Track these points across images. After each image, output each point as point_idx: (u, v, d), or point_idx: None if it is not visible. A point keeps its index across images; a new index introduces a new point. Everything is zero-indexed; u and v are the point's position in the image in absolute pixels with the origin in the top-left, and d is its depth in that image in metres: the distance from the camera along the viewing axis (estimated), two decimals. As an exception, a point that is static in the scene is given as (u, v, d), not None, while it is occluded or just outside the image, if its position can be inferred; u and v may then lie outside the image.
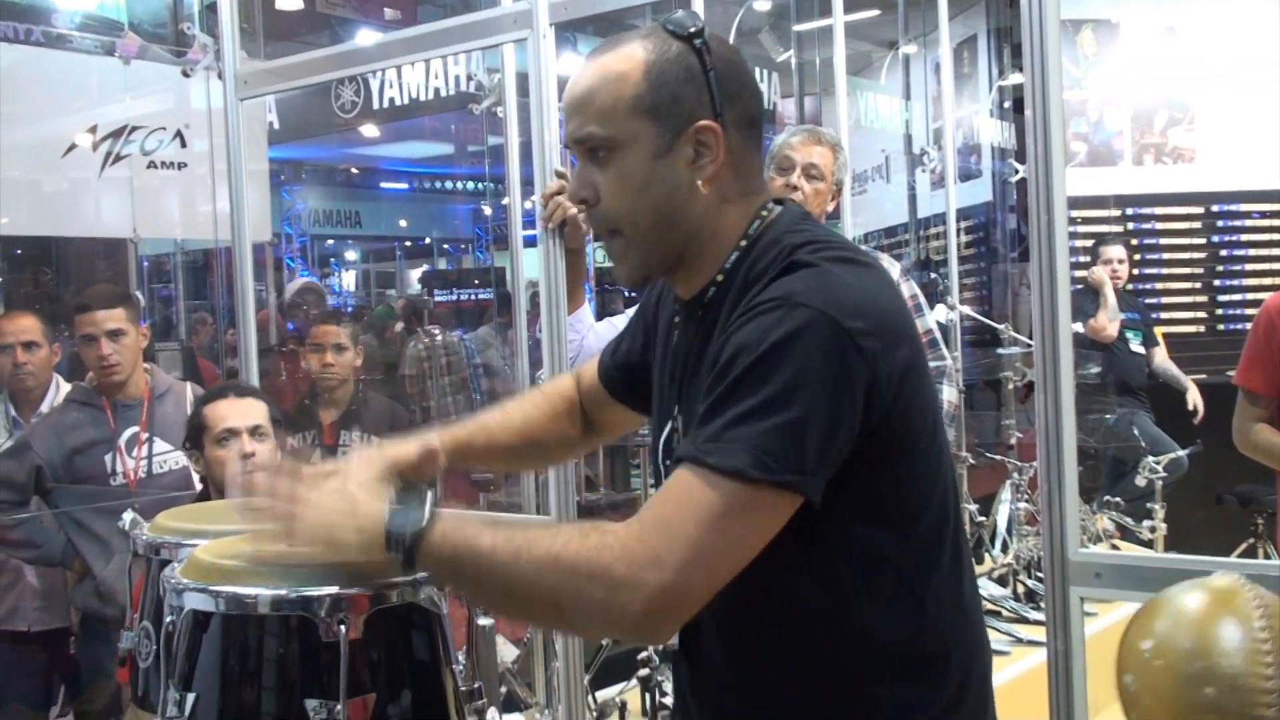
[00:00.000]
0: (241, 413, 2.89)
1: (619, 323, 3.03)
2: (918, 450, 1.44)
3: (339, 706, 1.40)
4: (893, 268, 3.46)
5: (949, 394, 3.68)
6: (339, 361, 4.39)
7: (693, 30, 1.45)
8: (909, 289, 3.48)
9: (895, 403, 1.37)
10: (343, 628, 1.42)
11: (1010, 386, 4.67)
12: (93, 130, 5.20)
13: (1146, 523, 4.84)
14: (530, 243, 2.95)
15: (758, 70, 9.95)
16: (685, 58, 1.45)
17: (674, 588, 1.29)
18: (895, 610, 1.44)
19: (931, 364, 3.36)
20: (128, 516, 2.05)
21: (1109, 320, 6.13)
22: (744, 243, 1.50)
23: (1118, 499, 5.01)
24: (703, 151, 1.46)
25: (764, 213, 1.51)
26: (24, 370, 3.96)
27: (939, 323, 4.17)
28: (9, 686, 3.97)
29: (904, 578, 1.45)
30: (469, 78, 8.91)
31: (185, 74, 5.12)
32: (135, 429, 3.73)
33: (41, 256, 7.95)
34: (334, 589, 1.44)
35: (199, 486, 3.08)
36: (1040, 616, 4.02)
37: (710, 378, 1.38)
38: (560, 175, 2.73)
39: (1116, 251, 6.40)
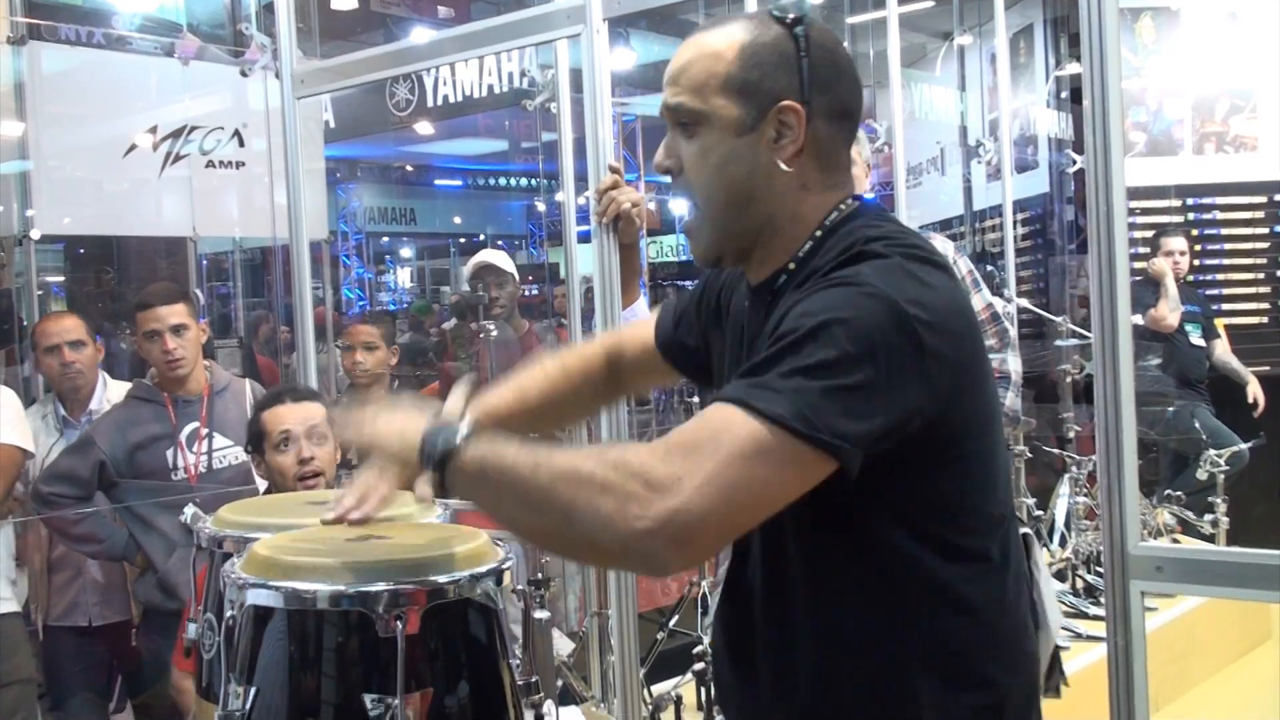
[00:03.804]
0: (299, 416, 2.89)
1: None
2: (970, 450, 1.44)
3: (396, 701, 1.41)
4: (946, 246, 3.43)
5: (1011, 401, 3.64)
6: (370, 360, 4.45)
7: (795, 16, 1.48)
8: (965, 265, 3.45)
9: (949, 404, 1.37)
10: (400, 623, 1.43)
11: (1068, 380, 4.62)
12: (153, 131, 5.27)
13: (1208, 517, 4.77)
14: (584, 238, 2.95)
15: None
16: (782, 42, 1.48)
17: (685, 515, 1.25)
18: (942, 606, 1.43)
19: (990, 340, 3.34)
20: (189, 511, 2.07)
21: (1169, 311, 6.05)
22: (819, 233, 1.50)
23: (1179, 493, 4.95)
24: (784, 132, 1.47)
25: (843, 206, 1.52)
26: (73, 369, 4.02)
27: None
28: (72, 681, 4.04)
29: (952, 574, 1.44)
30: (522, 74, 8.94)
31: (243, 74, 5.19)
32: (196, 424, 3.77)
33: (103, 256, 8.07)
34: (392, 584, 1.45)
35: (262, 487, 3.12)
36: (1098, 611, 3.99)
37: (770, 340, 1.38)
38: (614, 170, 2.73)
39: (1177, 243, 6.32)
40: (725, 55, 1.48)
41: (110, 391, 4.08)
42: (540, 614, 2.04)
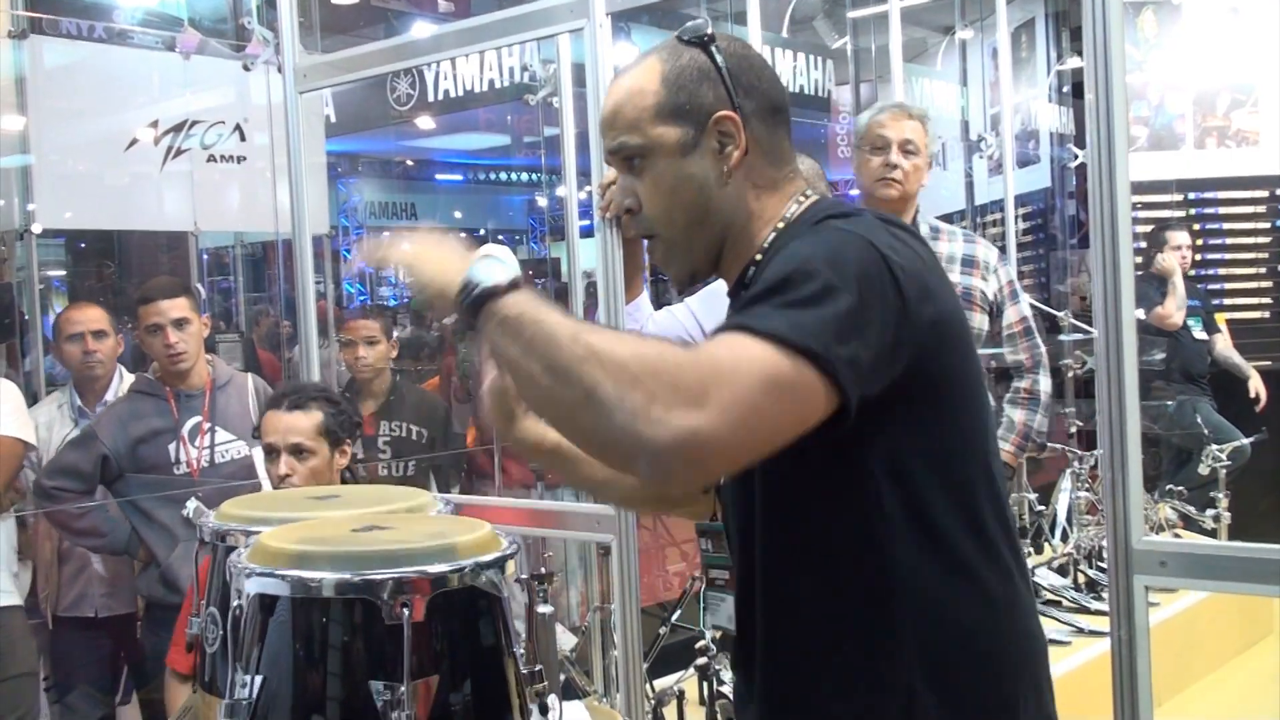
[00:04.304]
0: (284, 427, 2.85)
1: (678, 312, 3.03)
2: (954, 402, 1.47)
3: (402, 688, 1.42)
4: (990, 254, 3.37)
5: (1039, 422, 3.54)
6: (371, 354, 4.47)
7: (702, 35, 1.54)
8: (1006, 274, 3.38)
9: (928, 345, 1.40)
10: (406, 610, 1.44)
11: (1070, 375, 4.62)
12: (154, 125, 5.27)
13: (1209, 512, 4.77)
14: (586, 233, 2.95)
15: (812, 58, 9.87)
16: (697, 60, 1.54)
17: (704, 433, 1.24)
18: (936, 580, 1.45)
19: (1021, 355, 3.30)
20: (191, 505, 2.08)
21: (1176, 309, 6.04)
22: (780, 224, 1.56)
23: (1180, 487, 4.95)
24: (726, 141, 1.53)
25: (801, 198, 1.58)
26: (93, 358, 4.04)
27: None
28: (77, 672, 4.05)
29: (940, 533, 1.45)
30: (524, 69, 8.93)
31: (246, 68, 5.19)
32: (198, 419, 3.78)
33: (105, 250, 8.06)
34: (397, 572, 1.46)
35: (266, 483, 3.12)
36: (1101, 606, 3.99)
37: (752, 289, 1.42)
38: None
39: (1182, 237, 6.31)
40: (649, 88, 1.54)
41: (126, 384, 4.09)
42: (544, 608, 2.04)
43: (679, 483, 1.33)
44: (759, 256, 1.55)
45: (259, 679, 1.49)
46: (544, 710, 1.58)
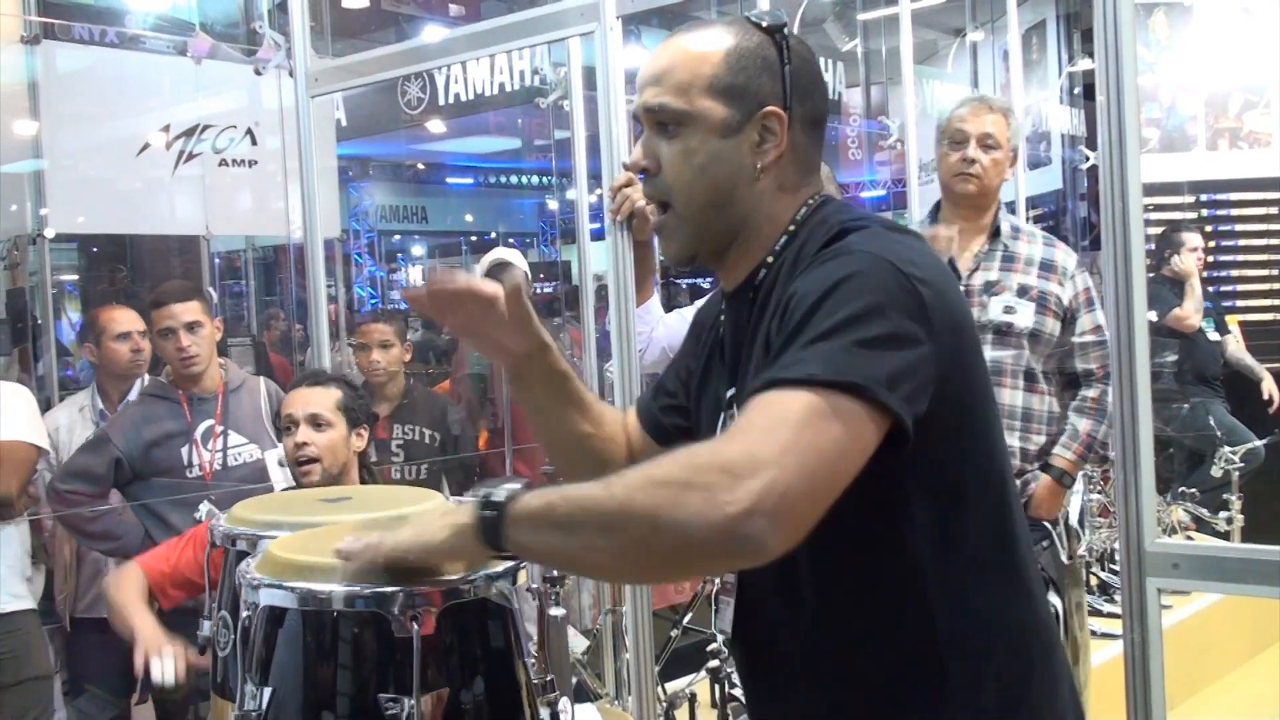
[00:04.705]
0: (303, 400, 2.90)
1: (688, 314, 3.02)
2: (974, 424, 1.45)
3: (412, 702, 1.41)
4: (1069, 258, 3.28)
5: (1104, 433, 3.43)
6: (385, 358, 4.48)
7: (776, 25, 1.51)
8: (1083, 280, 3.28)
9: (951, 365, 1.38)
10: (415, 624, 1.42)
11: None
12: (166, 129, 5.29)
13: (1223, 514, 4.76)
14: (597, 236, 2.95)
15: (823, 60, 9.87)
16: (765, 48, 1.50)
17: (776, 486, 1.21)
18: (958, 589, 1.43)
19: (1093, 364, 3.23)
20: (204, 508, 2.09)
21: (1194, 310, 6.01)
22: (791, 227, 1.53)
23: (1193, 490, 4.94)
24: (767, 137, 1.50)
25: (811, 200, 1.55)
26: (141, 357, 4.09)
27: None
28: (93, 673, 4.06)
29: (963, 560, 1.44)
30: (534, 72, 8.95)
31: (257, 72, 5.20)
32: (210, 422, 3.78)
33: (117, 254, 8.08)
34: (407, 585, 1.45)
35: (278, 484, 3.12)
36: (1113, 609, 3.98)
37: (776, 327, 1.39)
38: (628, 168, 2.73)
39: (1196, 239, 6.29)
40: (711, 57, 1.49)
41: None
42: (555, 611, 2.04)
43: (779, 544, 1.24)
44: (770, 259, 1.52)
45: (268, 690, 1.48)
46: (555, 718, 1.58)
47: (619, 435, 1.80)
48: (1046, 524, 3.19)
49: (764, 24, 1.51)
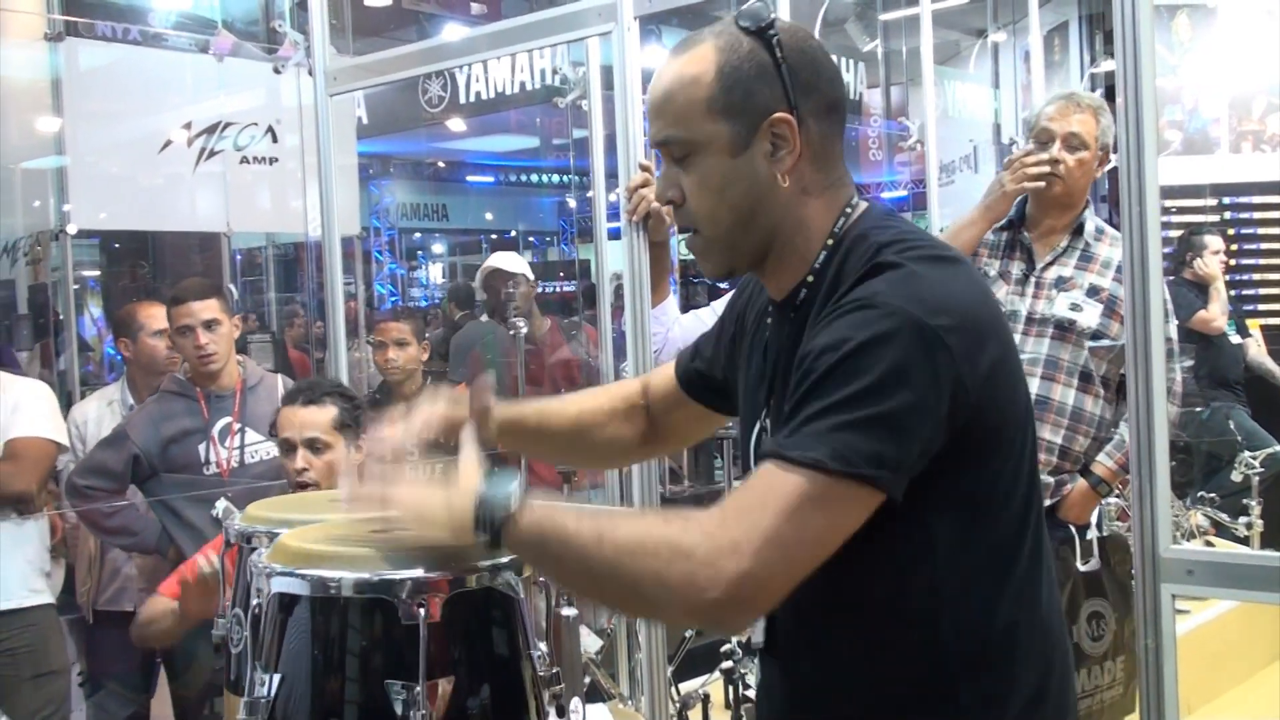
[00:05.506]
0: (299, 423, 2.86)
1: (704, 315, 3.03)
2: (1004, 447, 1.43)
3: (418, 688, 1.43)
4: None
5: (1171, 410, 3.38)
6: (402, 356, 4.48)
7: (764, 24, 1.46)
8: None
9: (982, 401, 1.36)
10: (422, 611, 1.44)
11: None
12: (187, 127, 5.33)
13: (1242, 519, 4.72)
14: (615, 235, 2.95)
15: (843, 61, 9.87)
16: (756, 54, 1.45)
17: (751, 577, 1.28)
18: (974, 606, 1.43)
19: None
20: (221, 505, 2.09)
21: (1220, 313, 5.98)
22: (830, 241, 1.49)
23: (1212, 494, 4.90)
24: (779, 144, 1.46)
25: (848, 210, 1.51)
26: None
27: None
28: (112, 666, 4.08)
29: (983, 574, 1.43)
30: (554, 71, 8.96)
31: (277, 70, 5.22)
32: (228, 419, 3.79)
33: (139, 250, 8.14)
34: (415, 573, 1.47)
35: None
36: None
37: (795, 381, 1.38)
38: (644, 168, 2.73)
39: (1217, 242, 6.26)
40: (703, 79, 1.46)
41: None
42: (568, 610, 2.04)
43: (744, 625, 1.41)
44: (810, 278, 1.49)
45: (277, 677, 1.50)
46: (560, 713, 1.58)
47: (621, 406, 1.90)
48: (1072, 527, 3.16)
49: (750, 27, 1.46)
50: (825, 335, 1.37)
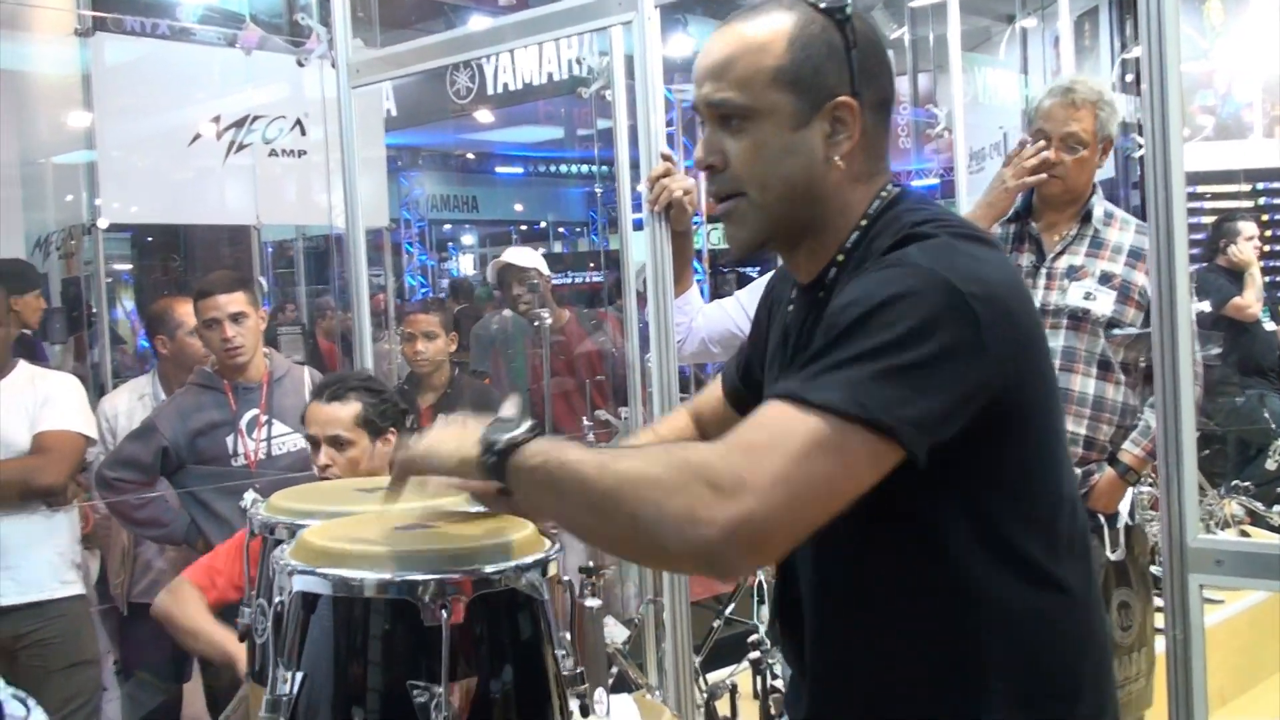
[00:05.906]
0: (323, 419, 2.88)
1: (728, 305, 3.01)
2: (1033, 429, 1.41)
3: (440, 689, 1.42)
4: None
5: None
6: (430, 348, 4.50)
7: (839, 5, 1.44)
8: None
9: (1010, 377, 1.34)
10: (445, 612, 1.43)
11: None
12: (216, 120, 5.34)
13: (1276, 508, 4.68)
14: (640, 226, 2.95)
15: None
16: (829, 33, 1.44)
17: (754, 517, 1.22)
18: (1008, 593, 1.41)
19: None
20: (248, 496, 2.09)
21: (1256, 299, 5.92)
22: (864, 222, 1.48)
23: (1247, 483, 4.86)
24: (839, 128, 1.45)
25: (884, 193, 1.49)
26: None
27: None
28: (146, 656, 4.12)
29: (1018, 559, 1.41)
30: (579, 61, 8.95)
31: (300, 63, 5.24)
32: (255, 411, 3.81)
33: (170, 244, 8.20)
34: (438, 574, 1.46)
35: None
36: (1160, 603, 3.92)
37: (819, 335, 1.35)
38: (666, 158, 2.72)
39: (1251, 228, 6.19)
40: (773, 47, 1.43)
41: None
42: (592, 602, 2.04)
43: (743, 570, 1.30)
44: (840, 258, 1.48)
45: (299, 675, 1.49)
46: (584, 711, 1.57)
47: (683, 436, 1.85)
48: (1101, 516, 3.13)
49: (826, 7, 1.44)
50: (852, 289, 1.35)
